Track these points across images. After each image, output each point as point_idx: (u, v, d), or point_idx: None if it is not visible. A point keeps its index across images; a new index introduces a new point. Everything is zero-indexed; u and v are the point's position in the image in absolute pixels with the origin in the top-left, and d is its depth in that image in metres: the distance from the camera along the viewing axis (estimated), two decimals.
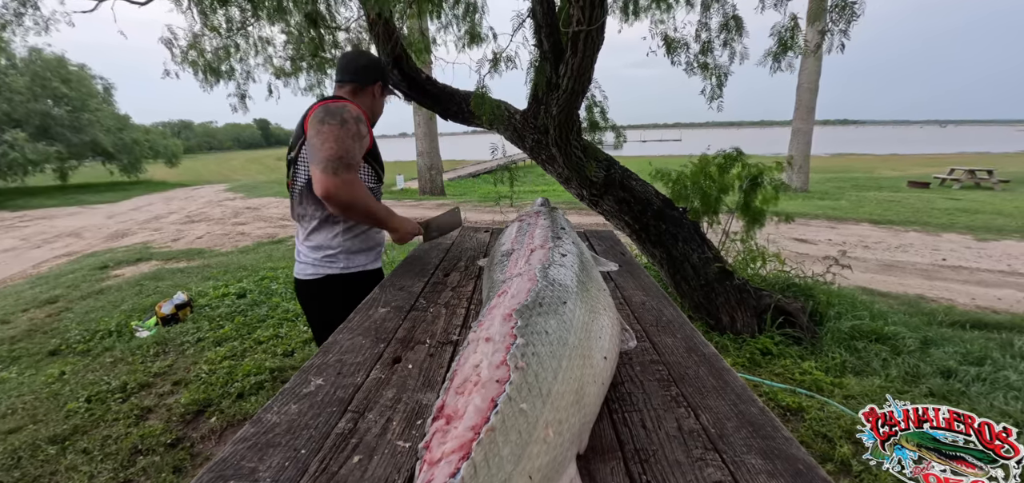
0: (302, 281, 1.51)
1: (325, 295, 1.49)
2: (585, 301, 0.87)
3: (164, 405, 2.58)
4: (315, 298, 1.51)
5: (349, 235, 1.49)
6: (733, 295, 3.12)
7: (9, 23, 3.14)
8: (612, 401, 0.81)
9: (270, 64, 4.15)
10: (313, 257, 1.47)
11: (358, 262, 1.51)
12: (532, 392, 0.59)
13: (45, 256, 7.06)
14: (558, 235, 1.26)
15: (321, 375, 0.87)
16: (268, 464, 0.64)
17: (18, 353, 3.42)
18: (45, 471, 2.08)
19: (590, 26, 2.13)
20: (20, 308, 4.45)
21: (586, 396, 0.67)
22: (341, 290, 1.49)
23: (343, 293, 1.48)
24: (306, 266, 1.49)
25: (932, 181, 13.28)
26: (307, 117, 1.38)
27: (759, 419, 0.77)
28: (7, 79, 15.72)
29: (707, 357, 0.98)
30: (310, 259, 1.47)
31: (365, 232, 1.54)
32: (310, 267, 1.48)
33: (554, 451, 0.57)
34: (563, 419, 0.60)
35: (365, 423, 0.74)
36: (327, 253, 1.47)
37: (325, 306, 1.50)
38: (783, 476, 0.64)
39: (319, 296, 1.50)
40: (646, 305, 1.27)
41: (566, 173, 3.21)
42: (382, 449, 0.68)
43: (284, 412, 0.76)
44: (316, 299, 1.51)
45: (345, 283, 1.49)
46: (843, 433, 2.14)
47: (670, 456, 0.68)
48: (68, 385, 2.86)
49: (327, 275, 1.47)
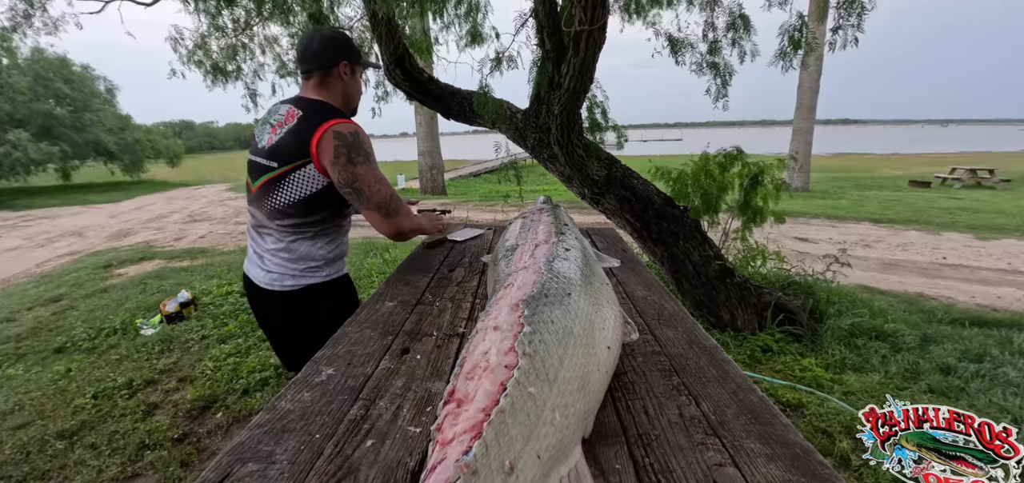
0: (280, 292, 1.41)
1: (310, 304, 1.45)
2: (589, 294, 0.90)
3: (170, 401, 2.61)
4: (296, 307, 1.44)
5: (331, 246, 1.47)
6: (734, 293, 3.14)
7: (19, 25, 3.17)
8: (615, 389, 0.83)
9: (278, 62, 4.18)
10: (294, 268, 1.40)
11: (336, 268, 1.50)
12: (539, 377, 0.61)
13: (48, 255, 7.09)
14: (561, 231, 1.28)
15: (331, 365, 0.90)
16: (284, 447, 0.67)
17: (24, 351, 3.45)
18: (54, 465, 2.11)
19: (592, 26, 2.15)
20: (25, 306, 4.48)
21: (591, 382, 0.69)
22: (323, 297, 1.46)
23: (328, 300, 1.47)
24: (284, 277, 1.40)
25: (933, 180, 13.30)
26: (313, 140, 1.30)
27: (758, 407, 0.80)
28: (10, 79, 15.77)
29: (708, 349, 1.00)
30: (290, 270, 1.40)
31: (342, 240, 1.53)
32: (290, 278, 1.40)
33: (561, 433, 0.59)
34: (569, 403, 0.62)
35: (376, 410, 0.76)
36: (311, 264, 1.42)
37: (311, 314, 1.45)
38: (781, 459, 0.66)
39: (302, 306, 1.45)
40: (648, 300, 1.29)
41: (568, 172, 3.23)
42: (394, 434, 0.70)
43: (297, 400, 0.79)
44: (298, 308, 1.45)
45: (326, 291, 1.46)
46: (843, 429, 2.16)
47: (672, 440, 0.70)
48: (74, 382, 2.89)
49: (309, 285, 1.43)
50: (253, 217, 1.44)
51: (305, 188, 1.33)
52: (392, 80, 3.63)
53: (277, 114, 1.38)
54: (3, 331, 3.86)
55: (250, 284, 1.48)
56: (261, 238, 1.42)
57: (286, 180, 1.32)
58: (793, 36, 2.82)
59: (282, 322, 1.49)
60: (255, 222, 1.43)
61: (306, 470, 0.62)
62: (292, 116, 1.34)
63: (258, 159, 1.38)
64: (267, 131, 1.38)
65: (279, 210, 1.35)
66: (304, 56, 1.42)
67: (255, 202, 1.40)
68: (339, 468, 0.63)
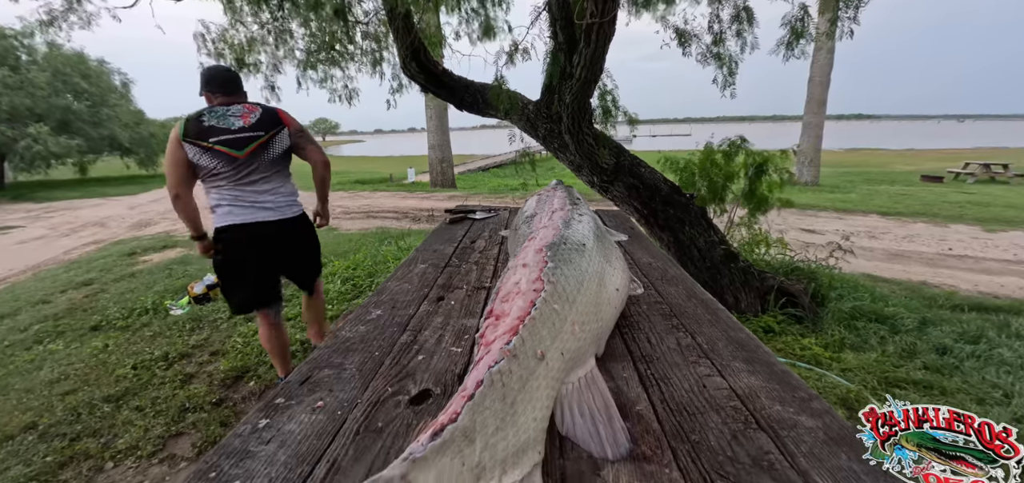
0: (289, 219, 2.09)
1: (307, 225, 2.22)
2: (600, 249, 1.04)
3: (205, 372, 2.79)
4: (302, 229, 2.18)
5: (294, 186, 2.20)
6: (738, 276, 3.26)
7: (56, 19, 3.36)
8: (623, 325, 0.97)
9: (292, 56, 4.36)
10: (289, 200, 2.11)
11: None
12: (561, 299, 0.75)
13: (74, 244, 7.35)
14: (575, 202, 1.42)
15: (379, 308, 1.05)
16: (350, 360, 0.82)
17: (62, 328, 3.65)
18: (104, 424, 2.29)
19: (602, 18, 2.28)
20: (58, 289, 4.70)
21: (602, 311, 0.83)
22: (309, 222, 2.23)
23: (311, 224, 2.25)
24: (286, 208, 2.08)
25: (946, 175, 13.20)
26: (280, 113, 2.08)
27: (747, 342, 0.93)
28: (29, 75, 16.15)
29: (704, 301, 1.14)
30: (287, 202, 2.09)
31: None
32: (291, 209, 2.10)
33: (579, 342, 0.73)
34: (586, 321, 0.77)
35: (422, 338, 0.91)
36: (293, 198, 2.14)
37: (310, 232, 2.24)
38: (761, 374, 0.80)
39: (305, 227, 2.20)
40: (652, 265, 1.43)
41: (578, 160, 3.36)
42: (439, 352, 0.85)
43: (354, 331, 0.94)
44: (303, 229, 2.18)
45: (306, 218, 2.22)
46: (838, 400, 2.28)
47: (670, 360, 0.84)
48: (113, 355, 3.08)
49: (302, 212, 2.16)
50: (245, 176, 1.98)
51: (283, 144, 2.06)
52: (408, 73, 3.78)
53: (235, 112, 1.99)
54: (41, 311, 4.08)
55: (254, 228, 2.01)
56: (256, 188, 2.01)
57: (273, 141, 2.02)
58: (796, 26, 2.92)
59: (295, 240, 2.15)
60: (248, 179, 1.99)
61: (371, 374, 0.77)
62: (253, 109, 2.02)
63: (239, 135, 1.96)
64: (237, 120, 1.97)
65: (274, 160, 2.03)
66: (235, 82, 2.13)
67: (248, 163, 1.97)
68: (398, 373, 0.77)
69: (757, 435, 0.66)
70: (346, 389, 0.73)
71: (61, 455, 2.09)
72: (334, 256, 5.10)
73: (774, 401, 0.73)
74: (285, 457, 0.59)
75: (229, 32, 4.17)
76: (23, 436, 2.25)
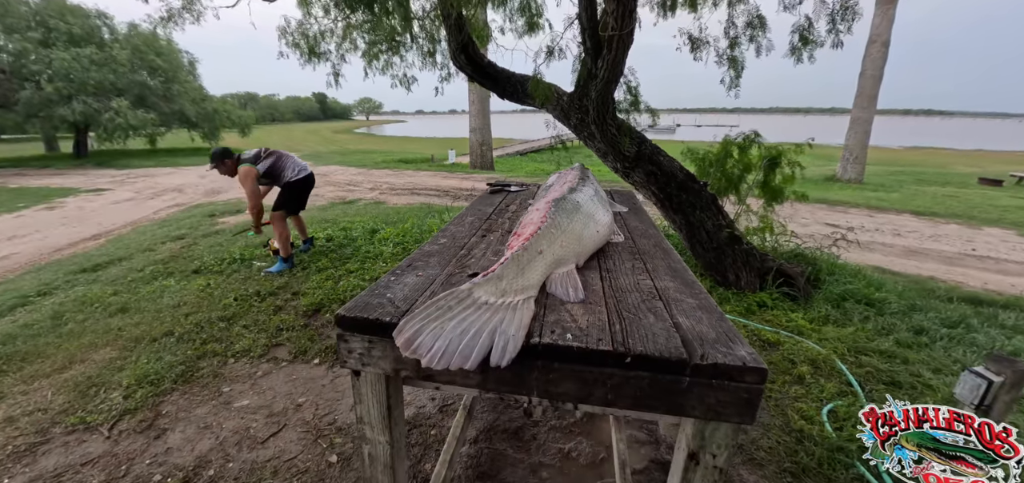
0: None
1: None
2: (593, 205, 1.55)
3: (290, 306, 3.49)
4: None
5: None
6: (740, 257, 3.66)
7: (174, 15, 4.10)
8: (602, 257, 1.49)
9: (354, 47, 5.00)
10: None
11: None
12: (558, 228, 1.29)
13: (160, 206, 8.42)
14: (584, 178, 1.93)
15: (444, 237, 1.61)
16: (431, 264, 1.38)
17: (171, 269, 4.48)
18: (223, 336, 3.01)
19: (622, 31, 2.74)
20: (159, 241, 5.60)
21: (585, 238, 1.36)
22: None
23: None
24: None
25: (1007, 179, 12.60)
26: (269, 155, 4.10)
27: (682, 272, 1.43)
28: (112, 52, 17.84)
29: (667, 251, 1.63)
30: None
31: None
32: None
33: (566, 251, 1.26)
34: (570, 243, 1.29)
35: (474, 255, 1.46)
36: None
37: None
38: (678, 282, 1.30)
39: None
40: (638, 227, 1.93)
41: (603, 148, 3.83)
42: (486, 257, 1.40)
43: (431, 248, 1.50)
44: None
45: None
46: (807, 360, 2.70)
47: (622, 270, 1.36)
48: (216, 291, 3.84)
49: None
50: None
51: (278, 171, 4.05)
52: (457, 64, 4.33)
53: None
54: (150, 257, 4.95)
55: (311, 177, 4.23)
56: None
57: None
58: (804, 33, 3.27)
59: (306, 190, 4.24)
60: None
61: (445, 264, 1.33)
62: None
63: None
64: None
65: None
66: (228, 155, 4.08)
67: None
68: (460, 266, 1.33)
69: (655, 302, 1.17)
70: (432, 269, 1.30)
71: (197, 351, 2.82)
72: (386, 224, 5.79)
73: (678, 293, 1.23)
74: (407, 291, 1.15)
75: (303, 24, 4.85)
76: (165, 339, 2.99)
